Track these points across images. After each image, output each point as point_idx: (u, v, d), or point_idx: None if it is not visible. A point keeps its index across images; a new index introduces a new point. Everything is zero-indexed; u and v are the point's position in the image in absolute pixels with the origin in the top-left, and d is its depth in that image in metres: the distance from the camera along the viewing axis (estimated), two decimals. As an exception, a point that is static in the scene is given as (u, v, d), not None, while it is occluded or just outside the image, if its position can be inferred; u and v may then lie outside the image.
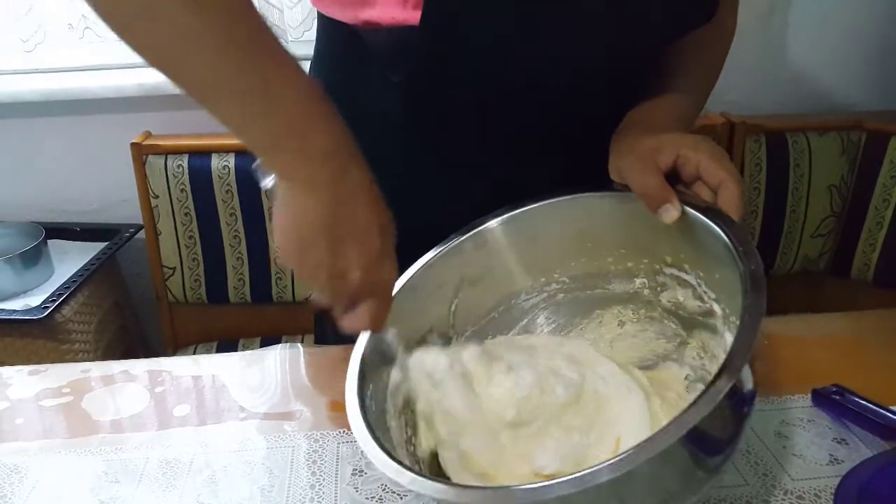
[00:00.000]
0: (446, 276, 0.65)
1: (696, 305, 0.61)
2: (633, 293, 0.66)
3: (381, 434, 0.52)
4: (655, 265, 0.64)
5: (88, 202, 1.72)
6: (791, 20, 1.63)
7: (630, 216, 0.62)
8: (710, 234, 0.55)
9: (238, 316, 1.63)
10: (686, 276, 0.61)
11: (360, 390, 0.54)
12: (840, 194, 1.58)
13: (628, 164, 0.61)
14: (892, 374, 0.72)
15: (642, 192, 0.59)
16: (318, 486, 0.61)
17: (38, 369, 0.79)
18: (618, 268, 0.66)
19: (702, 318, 0.61)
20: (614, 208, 0.63)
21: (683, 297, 0.62)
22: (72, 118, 1.65)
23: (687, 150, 0.59)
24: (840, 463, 0.61)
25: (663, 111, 0.71)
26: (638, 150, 0.61)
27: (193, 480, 0.62)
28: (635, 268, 0.65)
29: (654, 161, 0.60)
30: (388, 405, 0.57)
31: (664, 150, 0.60)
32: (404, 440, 0.56)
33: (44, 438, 0.69)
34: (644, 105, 0.72)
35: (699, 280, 0.60)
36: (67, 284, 1.47)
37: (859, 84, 1.68)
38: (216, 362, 0.80)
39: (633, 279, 0.65)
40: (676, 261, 0.62)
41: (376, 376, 0.57)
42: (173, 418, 0.71)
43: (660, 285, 0.64)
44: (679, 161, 0.60)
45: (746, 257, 0.51)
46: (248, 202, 1.52)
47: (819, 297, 1.65)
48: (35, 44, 1.62)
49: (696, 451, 0.45)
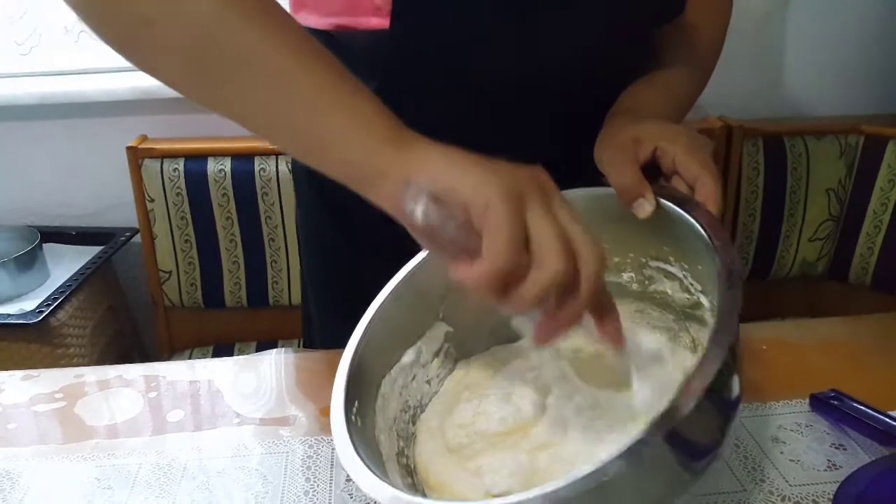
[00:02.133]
0: (430, 284, 0.63)
1: (685, 298, 0.61)
2: (621, 286, 0.65)
3: (369, 448, 0.51)
4: (641, 258, 0.63)
5: (84, 206, 1.72)
6: (788, 24, 1.63)
7: (613, 211, 0.60)
8: (687, 229, 0.54)
9: (234, 320, 1.62)
10: (671, 268, 0.61)
11: (346, 406, 0.52)
12: (838, 198, 1.58)
13: (608, 156, 0.60)
14: (891, 380, 0.71)
15: (618, 185, 0.58)
16: (311, 492, 0.60)
17: (31, 374, 0.78)
18: None
19: (690, 311, 0.61)
20: (596, 204, 0.61)
21: (671, 290, 0.62)
22: (68, 122, 1.64)
23: (664, 142, 0.58)
24: (838, 469, 0.60)
25: (654, 96, 0.70)
26: (618, 141, 0.61)
27: (187, 486, 0.62)
28: (622, 262, 0.64)
29: (632, 153, 0.59)
30: (377, 419, 0.56)
31: (643, 143, 0.59)
32: (395, 453, 0.56)
33: (36, 444, 0.68)
34: (636, 88, 0.71)
35: (685, 272, 0.60)
36: (62, 288, 1.46)
37: (857, 87, 1.68)
38: (210, 367, 0.79)
39: (620, 273, 0.65)
40: (661, 254, 0.61)
41: (364, 391, 0.56)
42: (167, 424, 0.70)
43: (647, 278, 0.63)
44: (657, 154, 0.59)
45: (723, 251, 0.50)
46: (244, 206, 1.52)
47: (817, 301, 1.65)
48: (30, 47, 1.62)
49: (675, 453, 0.44)
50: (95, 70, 1.61)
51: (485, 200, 0.44)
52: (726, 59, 0.79)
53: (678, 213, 0.55)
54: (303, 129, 0.50)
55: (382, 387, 0.58)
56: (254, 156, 1.50)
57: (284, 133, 0.51)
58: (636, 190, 0.57)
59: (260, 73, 0.49)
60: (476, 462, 0.55)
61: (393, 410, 0.59)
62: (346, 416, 0.51)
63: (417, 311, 0.63)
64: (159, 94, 1.55)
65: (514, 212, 0.44)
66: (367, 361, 0.57)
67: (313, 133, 0.50)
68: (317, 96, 0.49)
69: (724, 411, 0.47)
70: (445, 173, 0.46)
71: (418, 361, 0.62)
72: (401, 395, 0.60)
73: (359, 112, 0.49)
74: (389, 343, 0.60)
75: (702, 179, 0.56)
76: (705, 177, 0.56)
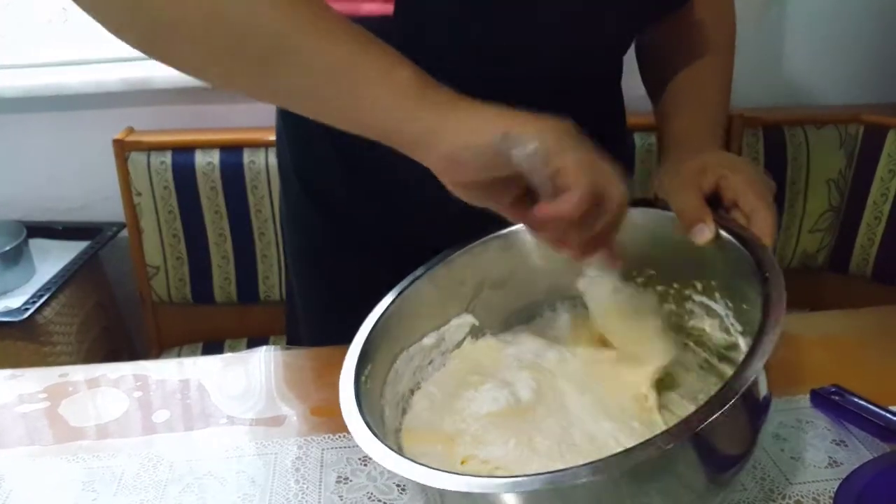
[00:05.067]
0: (468, 275, 0.64)
1: (723, 338, 0.60)
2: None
3: (372, 410, 0.52)
4: (685, 291, 0.62)
5: (71, 200, 1.69)
6: (788, 12, 1.62)
7: (664, 237, 0.60)
8: (738, 257, 0.54)
9: (224, 316, 1.61)
10: (715, 305, 0.60)
11: (358, 365, 0.54)
12: (838, 189, 1.57)
13: (672, 184, 0.61)
14: (892, 375, 0.71)
15: (679, 210, 0.59)
16: (301, 494, 0.59)
17: (16, 374, 0.77)
18: (647, 289, 0.64)
19: (725, 352, 0.60)
20: (648, 226, 0.61)
21: (710, 328, 0.61)
22: (52, 114, 1.62)
23: (728, 171, 0.60)
24: (839, 465, 0.59)
25: (699, 124, 0.72)
26: (684, 169, 0.62)
27: (174, 488, 0.60)
28: (665, 293, 0.63)
29: (696, 182, 0.60)
30: (386, 390, 0.57)
31: (707, 172, 0.60)
32: (394, 429, 0.56)
33: (19, 445, 0.67)
34: (679, 121, 0.72)
35: (728, 311, 0.59)
36: (49, 285, 1.44)
37: (857, 77, 1.68)
38: (197, 366, 0.78)
39: (661, 304, 0.63)
40: (707, 288, 0.60)
41: (379, 358, 0.57)
42: (153, 424, 0.69)
43: (688, 312, 0.62)
44: (721, 183, 0.60)
45: (772, 281, 0.50)
46: (233, 199, 1.49)
47: (817, 293, 1.64)
48: (13, 38, 1.59)
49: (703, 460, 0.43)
50: (80, 61, 1.58)
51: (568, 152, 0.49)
52: (725, 48, 0.78)
53: (733, 244, 0.55)
54: (340, 106, 0.52)
55: (397, 361, 0.59)
56: (242, 148, 1.48)
57: (323, 112, 0.54)
58: (697, 215, 0.57)
59: (294, 61, 0.50)
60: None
61: (403, 387, 0.60)
62: (357, 374, 0.53)
63: (449, 298, 0.64)
64: (146, 85, 1.53)
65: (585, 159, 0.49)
66: (390, 330, 0.58)
67: (351, 106, 0.52)
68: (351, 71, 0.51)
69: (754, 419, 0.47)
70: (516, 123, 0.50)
71: (438, 347, 0.63)
72: (414, 374, 0.61)
73: (394, 78, 0.51)
74: (414, 320, 0.61)
75: (759, 212, 0.57)
76: (763, 209, 0.57)
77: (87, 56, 1.58)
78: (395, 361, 0.59)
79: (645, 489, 0.43)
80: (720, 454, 0.45)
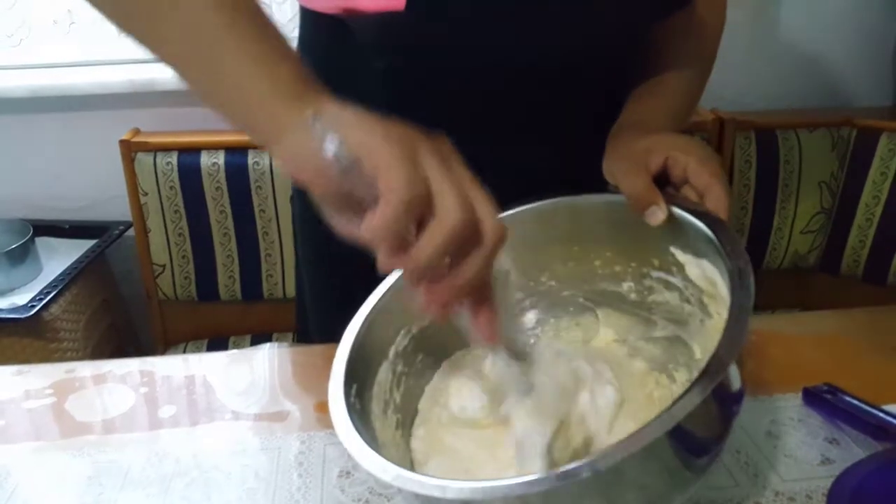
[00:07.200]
0: None
1: (684, 307, 0.61)
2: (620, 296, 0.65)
3: (368, 434, 0.51)
4: (643, 269, 0.63)
5: (77, 199, 1.71)
6: (781, 16, 1.63)
7: (617, 219, 0.61)
8: (697, 234, 0.55)
9: (228, 313, 1.62)
10: (672, 278, 0.61)
11: (345, 390, 0.53)
12: (830, 191, 1.58)
13: (619, 166, 0.61)
14: (885, 374, 0.71)
15: (630, 193, 0.59)
16: (304, 488, 0.60)
17: (23, 369, 0.78)
18: (605, 271, 0.65)
19: (689, 318, 0.61)
20: (600, 211, 0.63)
21: (671, 300, 0.62)
22: (60, 115, 1.63)
23: (676, 151, 0.59)
24: (832, 463, 0.60)
25: (657, 110, 0.71)
26: (630, 151, 0.62)
27: (179, 482, 0.61)
28: (623, 271, 0.64)
29: (644, 163, 0.59)
30: (372, 406, 0.56)
31: (654, 152, 0.60)
32: (389, 439, 0.56)
33: (26, 440, 0.68)
34: (640, 99, 0.72)
35: (686, 283, 0.60)
36: (55, 283, 1.46)
37: (849, 80, 1.68)
38: (203, 362, 0.79)
39: (620, 283, 0.65)
40: (664, 264, 0.61)
41: (360, 377, 0.56)
42: (159, 419, 0.70)
43: (647, 289, 0.64)
44: (669, 163, 0.59)
45: (734, 255, 0.50)
46: (237, 199, 1.51)
47: (809, 294, 1.65)
48: (20, 39, 1.61)
49: (680, 448, 0.44)
50: (88, 63, 1.60)
51: (386, 148, 0.42)
52: (719, 51, 0.79)
53: (688, 219, 0.56)
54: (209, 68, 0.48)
55: (379, 374, 0.59)
56: (247, 149, 1.49)
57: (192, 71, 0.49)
58: (649, 198, 0.58)
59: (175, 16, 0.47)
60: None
61: (389, 396, 0.59)
62: (346, 399, 0.52)
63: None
64: (151, 87, 1.55)
65: (411, 158, 0.42)
66: (367, 347, 0.57)
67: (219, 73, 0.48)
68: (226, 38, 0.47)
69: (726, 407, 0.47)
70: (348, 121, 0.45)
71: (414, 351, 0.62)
72: (400, 383, 0.60)
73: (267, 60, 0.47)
74: (388, 331, 0.60)
75: (712, 188, 0.57)
76: (716, 186, 0.57)
77: (94, 58, 1.59)
78: (377, 375, 0.58)
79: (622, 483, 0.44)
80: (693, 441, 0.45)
